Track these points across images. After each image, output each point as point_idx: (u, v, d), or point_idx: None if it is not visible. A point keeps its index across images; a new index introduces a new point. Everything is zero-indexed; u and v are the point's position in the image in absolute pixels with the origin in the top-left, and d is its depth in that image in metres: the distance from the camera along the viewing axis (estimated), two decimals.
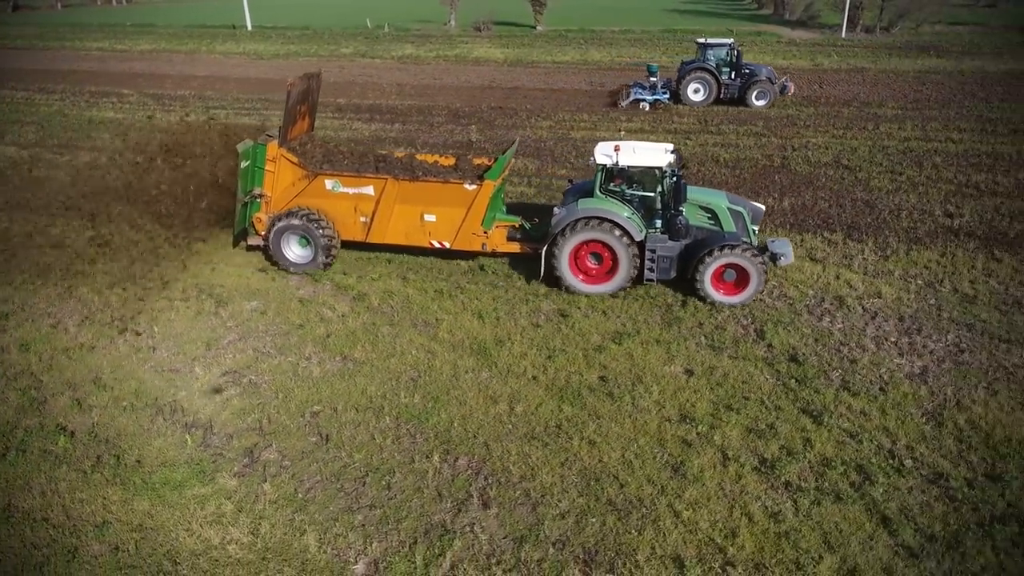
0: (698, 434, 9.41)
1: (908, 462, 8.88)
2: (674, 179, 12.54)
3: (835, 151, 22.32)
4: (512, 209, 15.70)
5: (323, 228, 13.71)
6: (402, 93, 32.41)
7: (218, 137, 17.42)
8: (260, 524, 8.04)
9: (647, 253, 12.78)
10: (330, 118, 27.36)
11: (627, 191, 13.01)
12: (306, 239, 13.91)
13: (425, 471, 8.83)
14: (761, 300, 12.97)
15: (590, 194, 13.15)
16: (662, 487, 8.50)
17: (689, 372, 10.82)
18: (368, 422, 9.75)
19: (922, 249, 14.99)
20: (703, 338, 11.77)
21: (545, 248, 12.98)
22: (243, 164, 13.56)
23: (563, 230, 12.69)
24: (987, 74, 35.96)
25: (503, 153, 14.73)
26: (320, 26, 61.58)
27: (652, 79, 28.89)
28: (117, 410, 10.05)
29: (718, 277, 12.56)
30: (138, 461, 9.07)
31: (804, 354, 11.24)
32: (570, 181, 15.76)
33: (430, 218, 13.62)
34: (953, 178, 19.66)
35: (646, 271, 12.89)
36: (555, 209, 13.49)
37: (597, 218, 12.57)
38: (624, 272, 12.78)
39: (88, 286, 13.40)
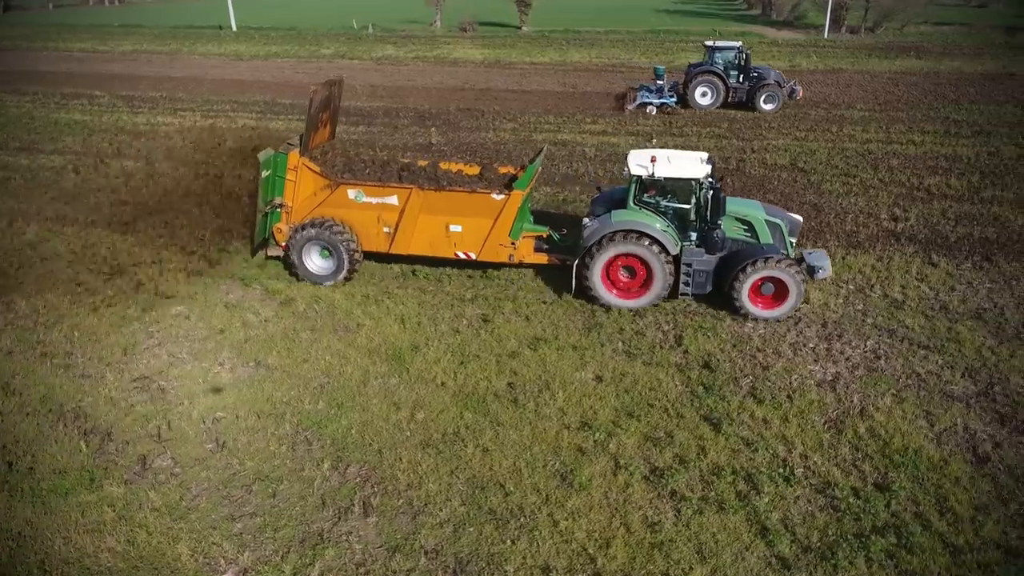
0: (595, 442, 9.36)
1: (799, 471, 8.82)
2: (711, 191, 12.15)
3: (793, 153, 22.24)
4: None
5: (346, 239, 13.37)
6: (373, 95, 32.37)
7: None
8: (137, 533, 8.01)
9: (683, 267, 12.43)
10: (296, 120, 27.33)
11: (662, 202, 12.60)
12: (328, 250, 13.52)
13: (313, 479, 8.80)
14: (687, 306, 12.94)
15: (621, 204, 12.75)
16: (547, 496, 8.45)
17: (599, 378, 10.77)
18: (267, 429, 9.71)
19: (860, 253, 14.93)
20: (621, 344, 11.72)
21: (577, 261, 12.65)
22: (264, 173, 13.12)
23: (596, 243, 12.30)
24: (963, 75, 35.83)
25: (531, 162, 14.07)
26: (307, 27, 61.59)
27: (659, 82, 28.15)
28: (20, 416, 10.02)
29: (756, 291, 12.19)
30: (31, 468, 9.04)
31: (718, 360, 11.18)
32: (598, 189, 15.29)
33: (456, 228, 13.25)
34: (906, 181, 19.59)
35: (681, 285, 12.54)
36: (584, 220, 13.14)
37: (632, 231, 12.21)
38: (659, 286, 12.42)
39: (18, 292, 13.38)
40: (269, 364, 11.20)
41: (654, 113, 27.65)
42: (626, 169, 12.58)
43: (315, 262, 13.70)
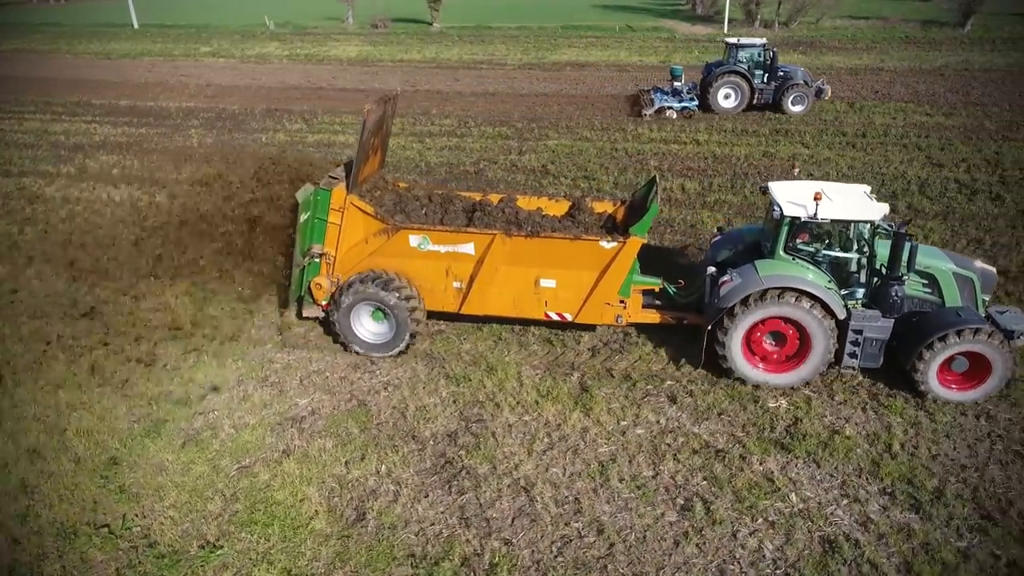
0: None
1: (138, 529, 7.71)
2: (895, 236, 9.54)
3: (560, 154, 21.00)
4: None
5: (406, 297, 10.72)
6: (198, 94, 31.30)
7: None
8: None
9: (851, 334, 9.83)
10: (80, 121, 26.41)
11: (820, 250, 10.08)
12: (382, 311, 10.84)
13: None
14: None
15: (754, 250, 10.59)
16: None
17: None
18: None
19: None
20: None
21: (711, 325, 10.08)
22: (302, 217, 10.58)
23: (739, 303, 9.78)
24: (831, 70, 34.39)
25: (651, 200, 10.77)
26: (220, 25, 60.61)
27: (676, 84, 25.68)
28: None
29: (944, 367, 9.64)
30: None
31: (246, 393, 10.09)
32: (719, 230, 12.86)
33: (548, 284, 10.70)
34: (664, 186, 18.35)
35: (846, 356, 9.97)
36: (709, 269, 10.68)
37: (789, 289, 9.70)
38: (820, 358, 9.85)
39: None
40: None
41: (675, 118, 25.37)
42: (776, 208, 9.84)
43: (365, 326, 11.03)
